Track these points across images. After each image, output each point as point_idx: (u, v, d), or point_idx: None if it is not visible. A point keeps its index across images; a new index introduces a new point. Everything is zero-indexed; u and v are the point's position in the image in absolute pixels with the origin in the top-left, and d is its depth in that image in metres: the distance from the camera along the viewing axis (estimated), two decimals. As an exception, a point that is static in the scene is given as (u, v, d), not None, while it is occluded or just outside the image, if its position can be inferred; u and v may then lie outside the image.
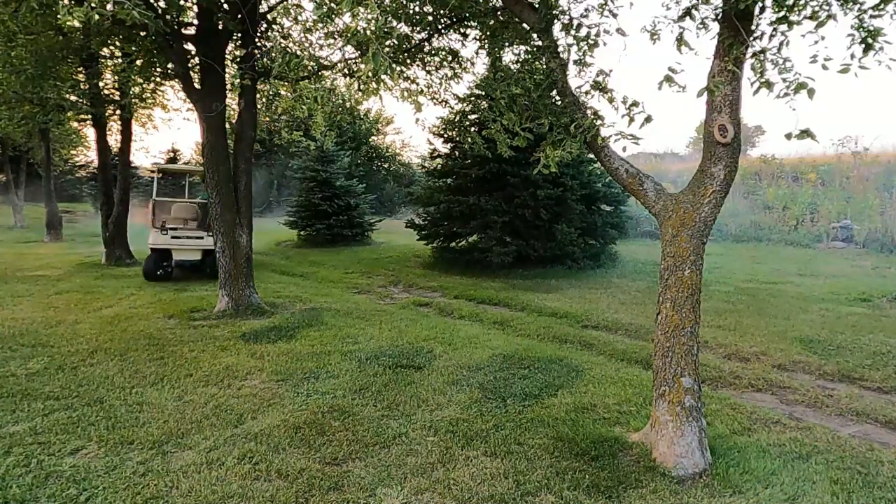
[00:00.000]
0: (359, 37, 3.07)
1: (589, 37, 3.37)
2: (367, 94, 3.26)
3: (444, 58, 6.72)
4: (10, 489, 2.83)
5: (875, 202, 15.35)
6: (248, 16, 6.08)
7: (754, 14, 2.88)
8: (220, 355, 5.06)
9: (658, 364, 3.23)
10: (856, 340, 5.75)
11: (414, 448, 3.31)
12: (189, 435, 3.47)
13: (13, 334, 5.65)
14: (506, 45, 4.39)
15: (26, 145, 19.47)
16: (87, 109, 10.42)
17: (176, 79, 7.76)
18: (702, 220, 3.10)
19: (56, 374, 4.49)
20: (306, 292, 8.56)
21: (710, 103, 3.03)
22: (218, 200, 6.83)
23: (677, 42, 2.90)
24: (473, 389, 4.27)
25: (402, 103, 25.00)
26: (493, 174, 10.31)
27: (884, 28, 2.70)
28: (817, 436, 3.54)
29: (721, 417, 3.79)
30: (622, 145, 3.36)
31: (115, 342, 5.36)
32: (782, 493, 2.86)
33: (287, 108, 9.57)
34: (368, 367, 4.78)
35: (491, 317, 7.02)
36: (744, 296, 8.24)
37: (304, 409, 3.88)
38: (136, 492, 2.82)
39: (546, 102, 3.58)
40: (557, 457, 3.22)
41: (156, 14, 5.18)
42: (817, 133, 2.73)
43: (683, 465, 3.04)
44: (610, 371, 4.75)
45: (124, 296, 7.84)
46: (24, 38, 6.34)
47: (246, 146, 7.10)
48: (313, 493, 2.83)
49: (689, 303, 3.13)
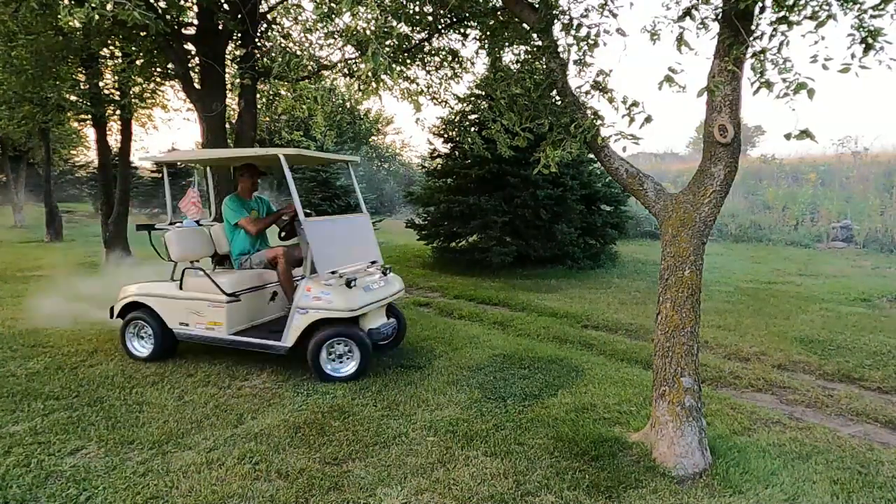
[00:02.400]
0: (359, 37, 3.07)
1: (589, 37, 3.37)
2: (367, 94, 3.26)
3: (444, 58, 6.72)
4: (10, 489, 2.83)
5: (875, 202, 15.35)
6: (248, 16, 6.09)
7: (754, 14, 2.88)
8: (219, 355, 5.06)
9: (658, 364, 3.23)
10: (856, 340, 5.75)
11: (414, 448, 3.31)
12: (189, 435, 3.47)
13: (13, 334, 5.65)
14: (506, 45, 4.39)
15: (26, 145, 19.47)
16: (87, 109, 10.41)
17: (176, 79, 7.77)
18: (702, 220, 3.10)
19: (56, 374, 4.49)
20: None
21: (710, 103, 3.03)
22: (218, 201, 6.82)
23: (677, 42, 2.90)
24: (473, 389, 4.27)
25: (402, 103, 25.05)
26: (493, 174, 10.30)
27: (884, 28, 2.70)
28: (817, 436, 3.54)
29: (721, 417, 3.79)
30: (622, 145, 3.36)
31: (116, 342, 5.35)
32: (782, 493, 2.86)
33: (287, 108, 9.58)
34: (368, 367, 4.77)
35: (491, 317, 7.02)
36: (744, 296, 8.24)
37: (304, 409, 3.88)
38: (136, 492, 2.82)
39: (546, 102, 3.58)
40: (557, 457, 3.22)
41: (156, 14, 5.19)
42: (817, 133, 2.73)
43: (683, 465, 3.04)
44: (610, 371, 4.75)
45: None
46: (24, 38, 6.34)
47: (246, 146, 7.10)
48: (313, 493, 2.83)
49: (689, 303, 3.13)
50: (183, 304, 4.80)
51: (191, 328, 4.80)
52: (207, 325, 4.74)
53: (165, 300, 4.87)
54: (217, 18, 6.15)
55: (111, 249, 11.53)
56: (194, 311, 4.77)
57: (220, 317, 4.68)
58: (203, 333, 4.76)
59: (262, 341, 4.62)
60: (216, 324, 4.71)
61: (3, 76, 7.78)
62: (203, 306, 4.73)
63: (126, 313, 5.04)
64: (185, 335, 4.84)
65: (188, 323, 4.81)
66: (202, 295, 4.74)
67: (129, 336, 5.01)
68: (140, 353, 4.96)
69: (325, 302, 4.39)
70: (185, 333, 4.84)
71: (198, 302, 4.75)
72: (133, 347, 5.00)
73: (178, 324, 4.84)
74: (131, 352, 4.98)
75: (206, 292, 4.72)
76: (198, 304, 4.75)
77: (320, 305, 4.39)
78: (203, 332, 4.76)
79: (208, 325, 4.74)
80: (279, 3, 7.27)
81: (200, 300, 4.74)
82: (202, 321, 4.75)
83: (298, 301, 4.46)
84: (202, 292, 4.74)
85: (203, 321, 4.75)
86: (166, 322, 4.86)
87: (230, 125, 8.10)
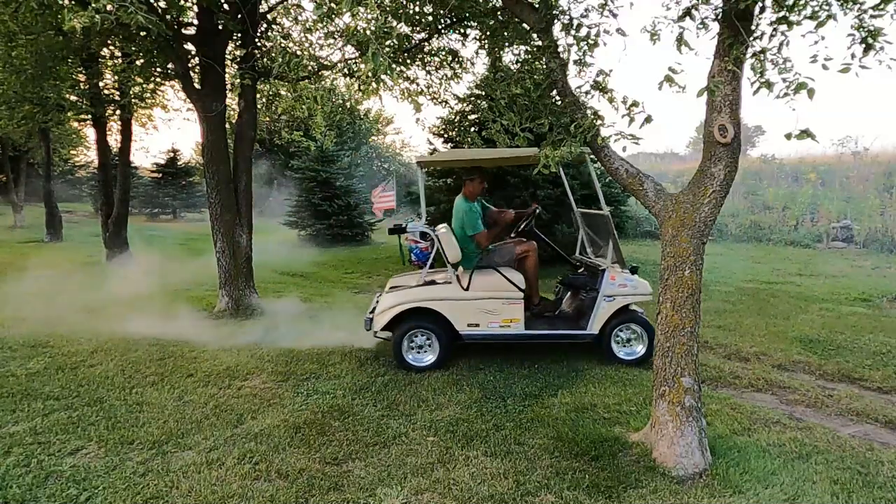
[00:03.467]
0: (359, 37, 3.07)
1: (589, 37, 3.36)
2: (367, 94, 3.26)
3: (444, 58, 6.72)
4: (10, 489, 2.83)
5: (875, 202, 15.34)
6: (248, 16, 6.08)
7: (754, 14, 2.88)
8: (220, 355, 5.06)
9: (658, 364, 3.23)
10: (856, 340, 5.75)
11: (414, 448, 3.31)
12: (189, 435, 3.47)
13: (13, 334, 5.65)
14: (506, 45, 4.38)
15: (26, 145, 19.44)
16: (87, 109, 10.41)
17: (176, 79, 7.76)
18: (702, 220, 3.10)
19: (56, 374, 4.49)
20: (306, 292, 8.56)
21: (710, 103, 3.03)
22: (218, 200, 6.82)
23: (677, 42, 2.90)
24: (473, 389, 4.28)
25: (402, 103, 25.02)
26: (494, 174, 10.31)
27: (884, 28, 2.70)
28: (817, 436, 3.54)
29: (721, 417, 3.79)
30: (622, 145, 3.35)
31: (115, 342, 5.35)
32: (782, 493, 2.86)
33: (287, 108, 9.56)
34: (368, 367, 4.78)
35: (491, 317, 7.00)
36: (744, 296, 8.23)
37: (304, 409, 3.88)
38: (136, 492, 2.82)
39: (546, 102, 3.58)
40: (557, 457, 3.22)
41: (157, 16, 5.19)
42: (817, 133, 2.73)
43: (683, 465, 3.04)
44: (610, 371, 4.75)
45: (125, 296, 7.84)
46: (24, 38, 6.34)
47: (246, 146, 7.09)
48: (313, 493, 2.83)
49: (689, 303, 3.13)
50: (473, 304, 4.76)
51: (482, 328, 4.78)
52: (502, 322, 4.77)
53: (454, 303, 4.76)
54: (217, 18, 6.15)
55: (111, 250, 11.54)
56: (487, 311, 4.76)
57: (518, 313, 4.76)
58: (498, 332, 4.79)
59: (567, 332, 4.84)
60: (512, 321, 4.76)
61: (3, 76, 7.77)
62: (497, 305, 4.74)
63: (394, 324, 4.78)
64: (478, 336, 4.79)
65: (479, 323, 4.77)
66: (495, 293, 4.76)
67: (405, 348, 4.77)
68: (422, 363, 4.75)
69: (631, 288, 4.80)
70: (477, 334, 4.79)
71: (491, 301, 4.75)
72: (412, 359, 4.77)
73: (466, 326, 4.77)
74: (410, 364, 4.74)
75: (498, 290, 4.75)
76: (491, 304, 4.75)
77: (626, 292, 4.78)
78: (498, 331, 4.78)
79: (503, 322, 4.77)
80: (279, 3, 7.27)
81: (494, 299, 4.75)
82: (496, 320, 4.76)
83: (605, 289, 4.74)
84: (493, 290, 4.76)
85: (497, 320, 4.76)
86: (454, 325, 4.76)
87: (230, 125, 8.10)
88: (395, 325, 4.78)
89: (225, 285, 6.94)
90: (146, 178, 27.36)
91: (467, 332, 4.78)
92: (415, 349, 4.81)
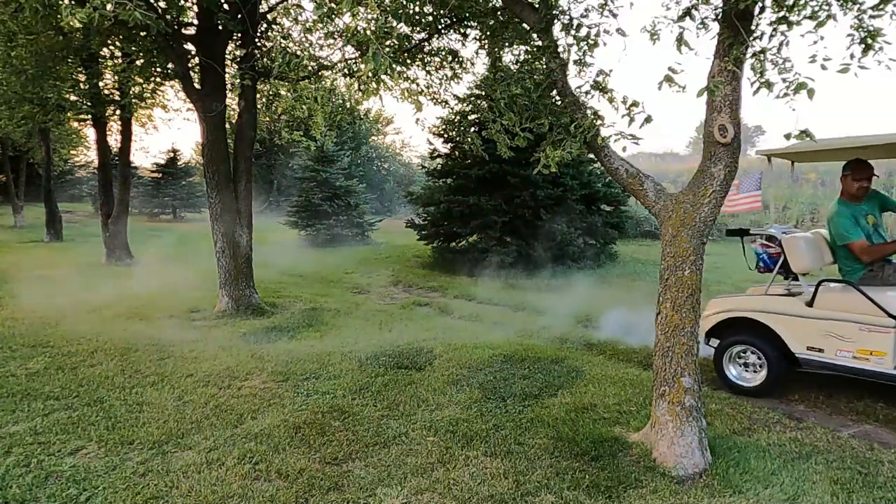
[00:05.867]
0: (359, 37, 3.07)
1: (589, 37, 3.37)
2: (367, 94, 3.26)
3: (444, 58, 6.71)
4: (10, 489, 2.83)
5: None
6: (248, 16, 6.08)
7: (754, 14, 2.88)
8: (220, 355, 5.06)
9: (658, 364, 3.24)
10: (856, 340, 5.74)
11: (414, 448, 3.31)
12: (189, 435, 3.47)
13: (13, 334, 5.65)
14: (506, 45, 4.38)
15: (26, 145, 19.44)
16: (87, 109, 10.42)
17: (176, 79, 7.76)
18: (702, 220, 3.10)
19: (56, 374, 4.49)
20: (306, 292, 8.56)
21: (710, 103, 3.03)
22: (218, 200, 6.83)
23: (677, 42, 2.90)
24: (473, 389, 4.27)
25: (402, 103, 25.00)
26: (494, 174, 10.31)
27: (883, 28, 2.70)
28: (817, 436, 3.54)
29: (721, 417, 3.79)
30: (622, 145, 3.36)
31: (115, 342, 5.35)
32: (782, 493, 2.86)
33: (287, 108, 9.57)
34: (368, 367, 4.78)
35: (491, 317, 7.02)
36: (744, 296, 8.23)
37: (304, 409, 3.88)
38: (136, 492, 2.82)
39: (546, 102, 3.58)
40: (557, 457, 3.22)
41: (157, 15, 5.19)
42: (817, 133, 2.73)
43: (683, 465, 3.04)
44: (610, 371, 4.75)
45: (125, 296, 7.83)
46: (24, 38, 6.35)
47: (246, 146, 7.10)
48: (313, 493, 2.83)
49: (689, 303, 3.13)
50: (817, 324, 3.90)
51: (827, 355, 3.88)
52: (857, 353, 3.77)
53: (791, 318, 4.02)
54: (217, 18, 6.15)
55: (111, 250, 11.54)
56: (837, 335, 3.83)
57: (885, 346, 3.66)
58: (849, 364, 3.80)
59: None
60: (875, 353, 3.69)
61: (3, 76, 7.78)
62: (851, 330, 3.78)
63: (716, 332, 4.24)
64: (817, 363, 3.92)
65: (823, 349, 3.89)
66: (848, 315, 3.81)
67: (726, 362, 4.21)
68: (746, 383, 4.15)
69: None
70: (818, 361, 3.92)
71: (842, 324, 3.81)
72: (734, 375, 4.20)
73: (805, 348, 3.96)
74: (731, 381, 4.19)
75: (855, 312, 3.78)
76: (842, 327, 3.81)
77: None
78: (849, 363, 3.80)
79: (858, 353, 3.76)
80: (279, 3, 7.27)
81: (846, 321, 3.80)
82: (848, 348, 3.80)
83: None
84: (847, 312, 3.82)
85: (850, 349, 3.79)
86: (789, 345, 4.01)
87: (230, 125, 8.10)
88: (721, 334, 4.23)
89: (225, 285, 6.94)
90: (146, 178, 27.36)
91: (805, 356, 3.92)
92: (739, 365, 4.20)
